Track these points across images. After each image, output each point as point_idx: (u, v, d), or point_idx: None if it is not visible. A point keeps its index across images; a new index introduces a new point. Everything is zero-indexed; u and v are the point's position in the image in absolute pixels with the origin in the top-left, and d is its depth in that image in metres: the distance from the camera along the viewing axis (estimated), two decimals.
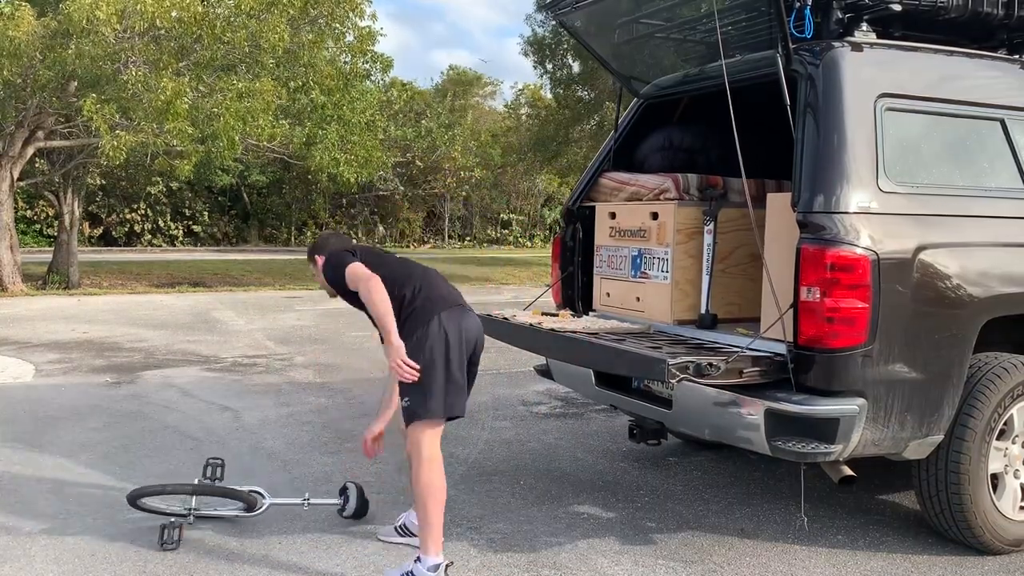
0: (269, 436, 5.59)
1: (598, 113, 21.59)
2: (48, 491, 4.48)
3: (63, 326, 10.63)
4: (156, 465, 4.93)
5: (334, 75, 15.04)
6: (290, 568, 3.58)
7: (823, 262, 3.31)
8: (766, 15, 3.82)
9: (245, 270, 21.14)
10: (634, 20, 4.52)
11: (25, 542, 3.81)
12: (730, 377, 3.37)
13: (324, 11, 14.45)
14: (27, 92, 13.29)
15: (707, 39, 4.39)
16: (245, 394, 6.86)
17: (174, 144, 13.05)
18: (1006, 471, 3.78)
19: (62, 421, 5.91)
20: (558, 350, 4.20)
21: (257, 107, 12.96)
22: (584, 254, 4.91)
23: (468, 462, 5.05)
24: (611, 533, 4.00)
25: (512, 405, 6.58)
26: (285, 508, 4.23)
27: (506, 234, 41.46)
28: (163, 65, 12.39)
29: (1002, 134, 3.90)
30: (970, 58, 4.01)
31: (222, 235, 34.04)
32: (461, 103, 40.22)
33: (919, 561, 3.72)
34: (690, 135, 4.86)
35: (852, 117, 3.48)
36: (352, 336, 10.09)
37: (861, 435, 3.36)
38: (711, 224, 4.15)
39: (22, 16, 12.33)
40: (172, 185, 28.39)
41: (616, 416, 5.91)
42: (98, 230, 30.53)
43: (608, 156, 4.97)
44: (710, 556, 3.75)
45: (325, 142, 15.49)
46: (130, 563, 3.60)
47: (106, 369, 7.84)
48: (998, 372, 3.67)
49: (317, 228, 36.55)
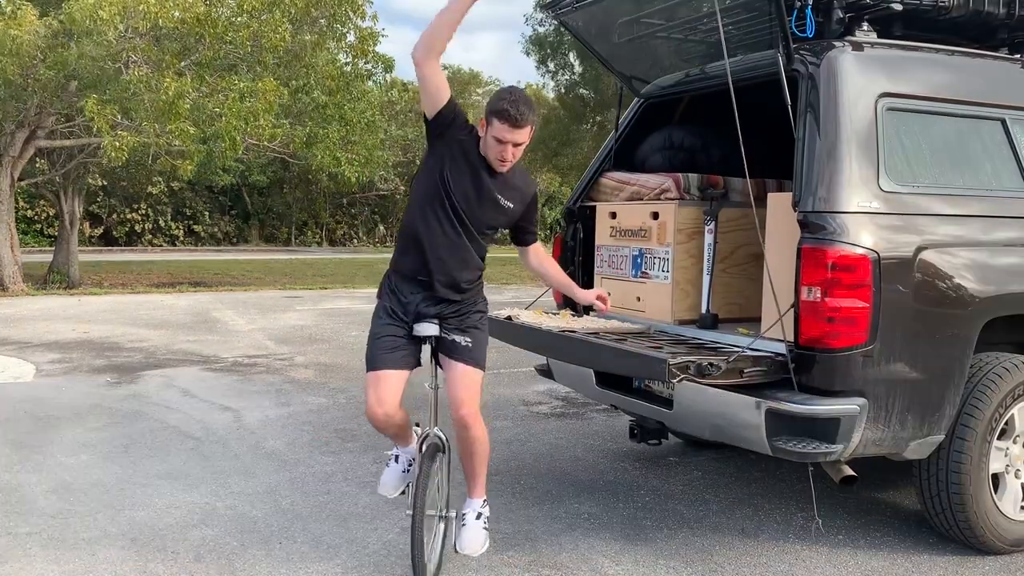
0: (269, 436, 5.59)
1: (600, 113, 21.59)
2: (48, 491, 4.48)
3: (63, 326, 10.64)
4: (156, 465, 4.93)
5: (335, 75, 15.05)
6: (290, 568, 3.58)
7: (824, 262, 3.30)
8: (767, 15, 3.82)
9: (246, 270, 21.15)
10: (634, 20, 4.52)
11: (25, 542, 3.81)
12: (731, 377, 3.37)
13: (326, 11, 14.44)
14: (28, 92, 13.30)
15: (707, 39, 4.39)
16: (245, 394, 6.86)
17: (176, 144, 13.06)
18: (1007, 471, 3.78)
19: (62, 421, 5.91)
20: (559, 350, 4.19)
21: (259, 107, 12.97)
22: (585, 254, 4.91)
23: None
24: (612, 533, 4.00)
25: (513, 405, 6.58)
26: (285, 507, 4.23)
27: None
28: (165, 65, 12.39)
29: (1003, 134, 3.90)
30: (971, 58, 4.01)
31: (223, 235, 34.07)
32: (461, 103, 40.17)
33: (920, 561, 3.72)
34: (691, 135, 4.86)
35: (853, 117, 3.48)
36: (352, 336, 10.09)
37: (862, 435, 3.35)
38: (712, 224, 4.14)
39: (24, 15, 12.34)
40: (173, 185, 28.43)
41: (617, 416, 5.90)
42: (99, 230, 30.57)
43: (609, 156, 4.97)
44: (711, 556, 3.75)
45: (326, 142, 15.49)
46: (130, 563, 3.60)
47: (106, 369, 7.84)
48: (999, 372, 3.67)
49: (317, 228, 36.59)
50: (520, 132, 3.10)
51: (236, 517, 4.13)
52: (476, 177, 3.22)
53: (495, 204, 3.27)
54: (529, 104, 3.10)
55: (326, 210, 36.63)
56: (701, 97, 4.86)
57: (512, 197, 3.31)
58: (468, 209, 3.23)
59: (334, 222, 37.30)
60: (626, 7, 4.47)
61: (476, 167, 3.22)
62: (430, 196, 3.24)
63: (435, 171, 3.22)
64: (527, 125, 3.10)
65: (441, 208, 3.22)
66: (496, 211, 3.30)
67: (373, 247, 36.16)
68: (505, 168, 3.20)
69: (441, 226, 3.22)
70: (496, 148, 3.13)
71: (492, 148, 3.14)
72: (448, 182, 3.20)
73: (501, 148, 3.12)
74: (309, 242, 35.95)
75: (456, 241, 3.25)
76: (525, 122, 3.09)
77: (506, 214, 3.33)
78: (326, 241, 36.83)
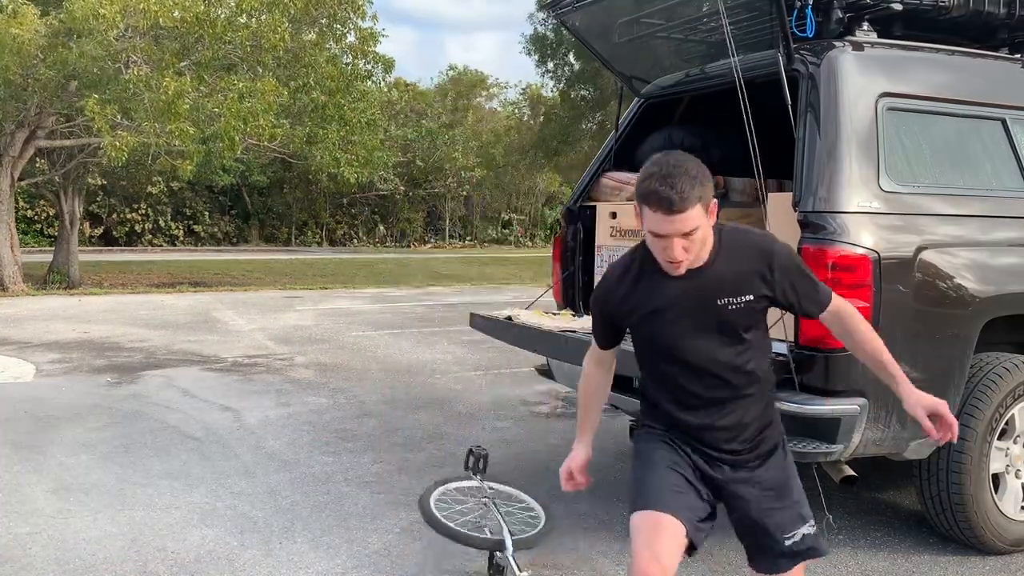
0: (270, 436, 5.59)
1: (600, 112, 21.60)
2: (48, 491, 4.48)
3: (64, 326, 10.63)
4: (157, 465, 4.93)
5: (335, 75, 15.05)
6: (290, 568, 3.58)
7: (824, 262, 3.30)
8: (767, 15, 3.82)
9: (246, 270, 21.15)
10: (635, 20, 4.52)
11: (25, 542, 3.81)
12: None
13: (326, 11, 14.45)
14: (28, 92, 13.30)
15: (708, 39, 4.39)
16: (246, 394, 6.85)
17: (176, 144, 13.06)
18: (1007, 471, 3.78)
19: (62, 421, 5.91)
20: (559, 350, 4.19)
21: (258, 107, 12.97)
22: (585, 254, 4.91)
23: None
24: (612, 533, 4.00)
25: (513, 405, 6.58)
26: (285, 507, 4.24)
27: (506, 234, 41.46)
28: (165, 64, 12.39)
29: (1003, 134, 3.90)
30: (971, 58, 4.00)
31: (223, 235, 34.08)
32: (464, 103, 40.20)
33: (920, 561, 3.72)
34: (691, 135, 4.86)
35: (853, 117, 3.48)
36: (352, 336, 10.09)
37: (862, 435, 3.35)
38: None
39: (24, 14, 12.33)
40: (173, 185, 28.44)
41: (617, 416, 5.90)
42: (99, 230, 30.58)
43: (609, 156, 4.97)
44: (711, 556, 3.75)
45: (326, 142, 15.49)
46: (130, 563, 3.60)
47: (107, 369, 7.84)
48: (999, 372, 3.67)
49: (317, 228, 36.61)
50: (682, 219, 2.14)
51: (236, 517, 4.13)
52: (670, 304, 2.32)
53: (716, 316, 2.30)
54: (690, 174, 2.15)
55: (326, 210, 36.63)
56: (701, 97, 4.86)
57: (734, 287, 2.29)
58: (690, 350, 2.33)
59: (334, 222, 37.33)
60: (626, 7, 4.47)
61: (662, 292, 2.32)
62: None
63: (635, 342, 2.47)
64: (691, 205, 2.13)
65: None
66: (722, 322, 2.31)
67: (373, 247, 36.17)
68: (681, 269, 2.24)
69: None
70: (658, 246, 2.22)
71: (654, 248, 2.24)
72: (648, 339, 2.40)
73: (664, 244, 2.19)
74: (309, 242, 35.96)
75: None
76: (687, 203, 2.13)
77: (742, 314, 2.31)
78: (326, 241, 36.85)
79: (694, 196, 2.13)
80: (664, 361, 2.39)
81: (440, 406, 6.51)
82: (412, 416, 6.19)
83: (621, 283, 2.39)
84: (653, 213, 2.16)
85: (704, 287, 2.28)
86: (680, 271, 2.25)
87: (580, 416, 2.69)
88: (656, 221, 2.16)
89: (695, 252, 2.22)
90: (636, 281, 2.36)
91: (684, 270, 2.25)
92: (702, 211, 2.16)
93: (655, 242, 2.22)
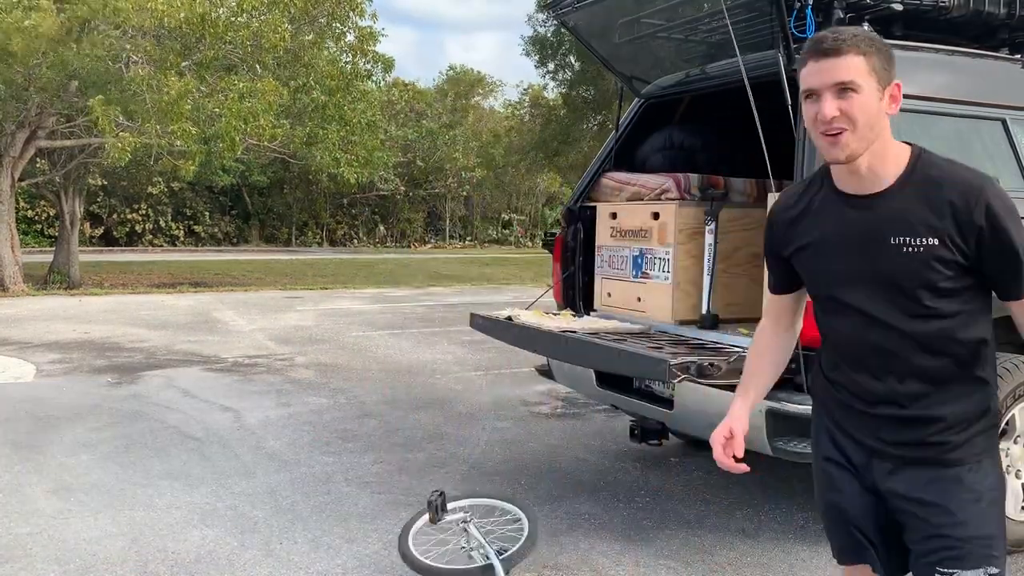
0: (270, 436, 5.59)
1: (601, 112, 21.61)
2: (48, 491, 4.48)
3: (64, 326, 10.64)
4: (157, 465, 4.94)
5: (335, 75, 15.06)
6: (290, 568, 3.58)
7: None
8: (767, 15, 3.82)
9: (246, 270, 21.15)
10: (635, 20, 4.52)
11: (25, 542, 3.81)
12: (732, 377, 3.36)
13: (325, 10, 14.45)
14: (29, 92, 13.30)
15: (708, 39, 4.39)
16: (246, 394, 6.86)
17: (177, 144, 13.07)
18: (1008, 471, 3.77)
19: (63, 421, 5.91)
20: (559, 350, 4.19)
21: (259, 107, 12.97)
22: (585, 254, 4.91)
23: (469, 462, 5.05)
24: (612, 533, 4.00)
25: (513, 405, 6.58)
26: (285, 507, 4.24)
27: (506, 234, 41.48)
28: (169, 65, 12.39)
29: (1003, 134, 3.90)
30: (971, 58, 4.00)
31: (223, 235, 34.10)
32: (464, 103, 40.23)
33: None
34: (691, 135, 4.86)
35: None
36: (352, 336, 10.09)
37: None
38: (712, 224, 4.14)
39: (41, 7, 12.27)
40: (173, 185, 28.47)
41: (617, 416, 5.90)
42: (99, 230, 30.60)
43: (609, 156, 4.97)
44: (711, 556, 3.75)
45: (326, 142, 15.50)
46: (130, 563, 3.60)
47: (107, 369, 7.84)
48: (999, 373, 3.66)
49: (318, 228, 36.63)
50: (834, 63, 1.74)
51: (236, 517, 4.13)
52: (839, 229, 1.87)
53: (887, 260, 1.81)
54: (861, 33, 1.81)
55: (326, 210, 36.66)
56: (701, 97, 4.86)
57: (913, 224, 1.78)
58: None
59: (334, 222, 37.35)
60: (626, 7, 4.47)
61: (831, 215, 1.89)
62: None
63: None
64: (847, 51, 1.74)
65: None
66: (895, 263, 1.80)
67: (373, 247, 36.18)
68: (842, 149, 1.76)
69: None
70: (810, 113, 1.77)
71: (809, 122, 1.79)
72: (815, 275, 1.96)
73: (816, 108, 1.76)
74: (309, 242, 35.98)
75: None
76: (842, 45, 1.74)
77: (923, 259, 1.79)
78: (326, 241, 36.87)
79: (854, 44, 1.74)
80: (825, 313, 1.94)
81: (440, 406, 6.51)
82: (412, 416, 6.19)
83: (798, 202, 1.94)
84: (805, 67, 1.77)
85: (875, 220, 1.78)
86: (840, 150, 1.75)
87: (742, 380, 2.19)
88: (807, 74, 1.76)
89: (858, 128, 1.74)
90: (809, 203, 1.91)
91: (847, 152, 1.75)
92: (865, 67, 1.74)
93: (808, 110, 1.77)
